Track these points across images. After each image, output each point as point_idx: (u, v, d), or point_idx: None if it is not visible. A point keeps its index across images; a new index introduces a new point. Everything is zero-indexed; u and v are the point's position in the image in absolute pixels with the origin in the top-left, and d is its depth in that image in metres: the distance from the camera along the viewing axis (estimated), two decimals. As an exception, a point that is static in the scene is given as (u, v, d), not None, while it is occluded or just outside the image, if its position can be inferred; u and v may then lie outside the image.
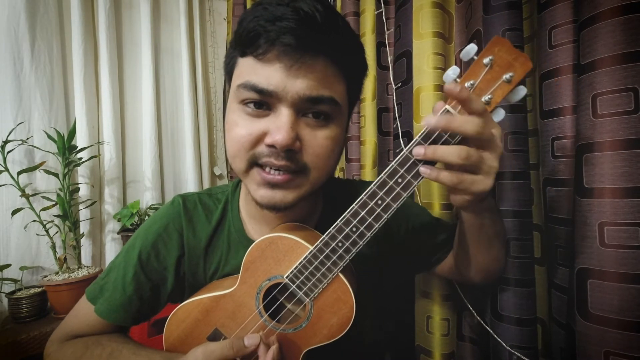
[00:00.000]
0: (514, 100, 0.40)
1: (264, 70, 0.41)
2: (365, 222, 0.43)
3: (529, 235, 0.60)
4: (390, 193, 0.41)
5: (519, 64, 0.38)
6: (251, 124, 0.43)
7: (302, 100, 0.42)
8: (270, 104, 0.43)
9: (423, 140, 0.40)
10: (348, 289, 0.45)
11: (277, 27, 0.39)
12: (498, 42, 0.38)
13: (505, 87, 0.38)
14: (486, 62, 0.38)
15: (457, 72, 0.39)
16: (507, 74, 0.38)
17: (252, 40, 0.41)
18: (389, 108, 0.91)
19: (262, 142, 0.43)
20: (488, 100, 0.39)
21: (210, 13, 1.68)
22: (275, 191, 0.45)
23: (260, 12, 0.40)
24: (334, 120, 0.46)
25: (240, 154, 0.44)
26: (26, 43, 1.10)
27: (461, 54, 0.39)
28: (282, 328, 0.48)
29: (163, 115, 1.47)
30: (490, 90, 0.39)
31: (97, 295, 0.55)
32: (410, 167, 0.40)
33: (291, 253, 0.46)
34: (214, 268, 0.56)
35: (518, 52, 0.38)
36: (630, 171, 0.44)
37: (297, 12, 0.39)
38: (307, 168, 0.45)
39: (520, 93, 0.39)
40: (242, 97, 0.43)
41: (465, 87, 0.38)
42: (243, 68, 0.44)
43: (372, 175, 0.91)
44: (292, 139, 0.41)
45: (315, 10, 0.40)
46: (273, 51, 0.40)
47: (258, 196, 0.45)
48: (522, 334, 0.58)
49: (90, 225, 1.23)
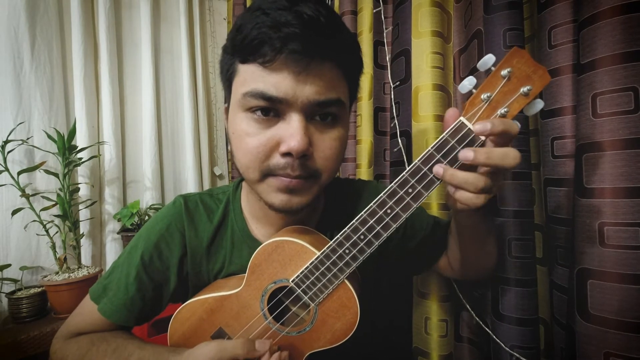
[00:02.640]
0: (531, 114, 0.39)
1: (271, 78, 0.41)
2: (374, 230, 0.43)
3: (531, 236, 0.59)
4: (400, 203, 0.41)
5: (537, 77, 0.37)
6: (262, 133, 0.43)
7: (311, 105, 0.42)
8: (279, 111, 0.42)
9: (436, 151, 0.40)
10: (353, 296, 0.46)
11: (283, 33, 0.38)
12: (517, 54, 0.37)
13: (522, 101, 0.37)
14: (504, 74, 0.37)
15: (473, 82, 0.39)
16: (525, 87, 0.37)
17: (256, 47, 0.40)
18: (386, 107, 0.91)
19: (276, 152, 0.43)
20: (504, 113, 0.38)
21: (210, 13, 1.68)
22: (292, 196, 0.45)
23: (262, 18, 0.39)
24: (340, 120, 0.46)
25: (254, 165, 0.44)
26: (26, 43, 1.09)
27: (478, 64, 0.39)
28: (287, 331, 0.49)
29: (163, 115, 1.47)
30: (507, 104, 0.38)
31: (100, 294, 0.55)
32: (421, 177, 0.40)
33: (297, 257, 0.47)
34: (218, 267, 0.56)
35: (537, 64, 0.37)
36: (630, 171, 0.44)
37: (301, 16, 0.38)
38: (319, 172, 0.45)
39: (538, 106, 0.38)
40: (249, 105, 0.43)
41: (497, 121, 0.37)
42: (247, 75, 0.43)
43: (367, 174, 0.91)
44: (306, 144, 0.42)
45: (319, 14, 0.39)
46: (280, 58, 0.39)
47: (277, 201, 0.45)
48: (523, 334, 0.58)
49: (90, 225, 1.23)
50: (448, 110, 0.41)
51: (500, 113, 0.38)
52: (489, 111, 0.38)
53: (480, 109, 0.38)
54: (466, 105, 0.39)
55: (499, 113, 0.38)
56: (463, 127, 0.39)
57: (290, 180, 0.43)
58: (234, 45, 0.43)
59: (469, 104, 0.39)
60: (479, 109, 0.39)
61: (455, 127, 0.39)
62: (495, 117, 0.38)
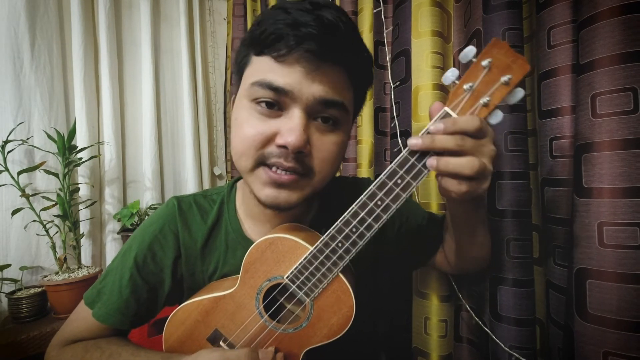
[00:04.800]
0: (512, 102, 0.40)
1: (281, 70, 0.42)
2: (365, 222, 0.43)
3: (529, 236, 0.59)
4: (389, 194, 0.41)
5: (517, 67, 0.38)
6: (262, 123, 0.44)
7: (316, 102, 0.43)
8: (283, 105, 0.43)
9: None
10: (348, 289, 0.45)
11: (301, 32, 0.40)
12: (496, 45, 0.38)
13: (503, 89, 0.38)
14: (485, 64, 0.38)
15: (456, 74, 0.40)
16: (505, 77, 0.38)
17: (272, 42, 0.41)
18: (386, 107, 0.91)
19: (273, 142, 0.44)
20: (486, 102, 0.39)
21: (210, 13, 1.68)
22: (280, 191, 0.45)
23: (283, 15, 0.41)
24: (341, 126, 0.47)
25: (249, 152, 0.45)
26: (26, 43, 1.10)
27: (460, 56, 0.39)
28: (283, 328, 0.48)
29: (163, 115, 1.47)
30: (489, 93, 0.39)
31: (94, 299, 0.55)
32: (409, 168, 0.41)
33: (291, 254, 0.47)
34: (212, 268, 0.55)
35: (516, 54, 0.38)
36: (629, 171, 0.44)
37: (321, 20, 0.40)
38: (313, 171, 0.46)
39: (518, 95, 0.39)
40: (255, 95, 0.44)
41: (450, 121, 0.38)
42: (259, 66, 0.44)
43: (368, 174, 0.91)
44: (304, 141, 0.42)
45: (339, 21, 0.41)
46: (294, 54, 0.41)
47: (263, 195, 0.45)
48: (521, 335, 0.58)
49: (90, 225, 1.23)
50: (433, 104, 0.42)
51: (482, 102, 0.39)
52: (472, 101, 0.39)
53: (463, 98, 0.39)
54: (450, 96, 0.40)
55: (481, 102, 0.39)
56: (447, 117, 0.40)
57: (279, 175, 0.44)
58: (251, 38, 0.45)
59: (452, 94, 0.40)
60: (462, 98, 0.39)
61: (440, 117, 0.40)
62: (478, 106, 0.39)
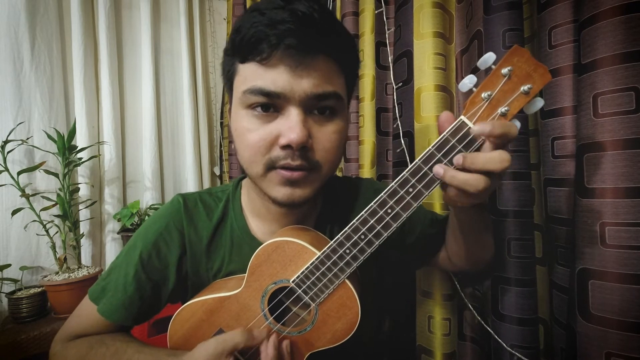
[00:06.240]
0: (531, 112, 0.38)
1: (268, 74, 0.42)
2: (374, 230, 0.43)
3: (530, 235, 0.59)
4: (400, 202, 0.41)
5: (538, 75, 0.37)
6: (262, 128, 0.44)
7: (309, 98, 0.43)
8: (278, 106, 0.44)
9: (437, 150, 0.40)
10: (354, 295, 0.46)
11: (279, 30, 0.40)
12: (517, 52, 0.37)
13: (522, 99, 0.37)
14: (504, 72, 0.37)
15: (474, 81, 0.39)
16: (526, 86, 0.36)
17: (253, 45, 0.42)
18: (388, 108, 0.91)
19: (276, 145, 0.44)
20: (505, 112, 0.38)
21: (210, 13, 1.68)
22: (294, 189, 0.46)
23: (258, 17, 0.41)
24: (338, 114, 0.47)
25: (257, 159, 0.45)
26: (26, 43, 1.10)
27: (478, 63, 0.38)
28: (287, 331, 0.49)
29: (163, 115, 1.47)
30: (508, 102, 0.37)
31: (99, 295, 0.55)
32: (421, 177, 0.40)
33: (298, 258, 0.47)
34: (217, 266, 0.56)
35: (537, 63, 0.37)
36: (631, 171, 0.44)
37: (296, 13, 0.40)
38: (319, 164, 0.46)
39: (538, 105, 0.38)
40: (249, 102, 0.44)
41: (497, 123, 0.37)
42: (246, 74, 0.44)
43: (370, 175, 0.91)
44: (305, 136, 0.43)
45: (313, 10, 0.41)
46: (276, 55, 0.41)
47: (279, 195, 0.46)
48: (523, 334, 0.58)
49: (90, 225, 1.23)
50: (442, 114, 0.41)
51: (500, 112, 0.38)
52: (490, 110, 0.38)
53: (481, 107, 0.38)
54: (467, 104, 0.39)
55: (499, 112, 0.38)
56: (464, 126, 0.39)
57: (291, 173, 0.44)
58: (233, 46, 0.45)
59: (469, 102, 0.39)
60: (479, 107, 0.38)
61: (456, 126, 0.39)
62: (496, 116, 0.38)
